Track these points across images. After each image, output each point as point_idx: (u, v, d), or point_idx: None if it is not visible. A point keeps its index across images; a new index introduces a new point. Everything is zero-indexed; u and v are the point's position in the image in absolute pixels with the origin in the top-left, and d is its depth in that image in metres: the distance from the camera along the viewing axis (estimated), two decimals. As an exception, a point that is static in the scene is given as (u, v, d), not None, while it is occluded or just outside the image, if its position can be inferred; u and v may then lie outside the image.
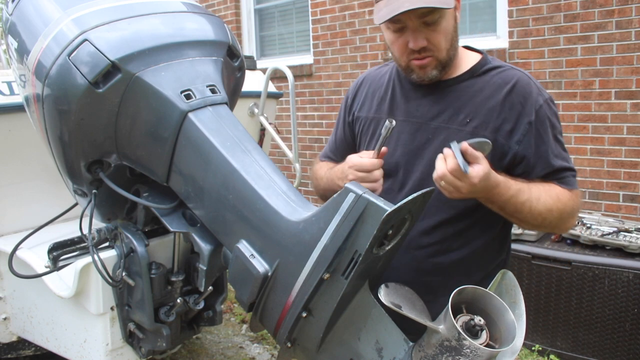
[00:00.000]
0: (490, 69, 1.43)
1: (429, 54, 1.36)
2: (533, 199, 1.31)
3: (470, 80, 1.43)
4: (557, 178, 1.39)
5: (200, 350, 3.29)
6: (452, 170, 1.18)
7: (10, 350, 2.49)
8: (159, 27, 1.49)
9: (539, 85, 1.41)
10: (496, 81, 1.40)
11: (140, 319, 1.77)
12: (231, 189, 1.32)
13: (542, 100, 1.38)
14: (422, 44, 1.33)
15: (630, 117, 3.40)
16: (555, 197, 1.35)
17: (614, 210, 3.50)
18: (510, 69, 1.42)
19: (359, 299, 1.19)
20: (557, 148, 1.39)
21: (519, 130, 1.36)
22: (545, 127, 1.37)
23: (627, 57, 3.37)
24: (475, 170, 1.18)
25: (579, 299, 2.76)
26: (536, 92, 1.38)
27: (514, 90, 1.37)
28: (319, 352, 1.21)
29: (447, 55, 1.36)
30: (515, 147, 1.36)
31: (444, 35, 1.33)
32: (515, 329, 1.04)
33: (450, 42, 1.35)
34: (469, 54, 1.48)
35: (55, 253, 1.75)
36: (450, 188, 1.21)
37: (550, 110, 1.39)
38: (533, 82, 1.40)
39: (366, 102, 1.58)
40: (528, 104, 1.36)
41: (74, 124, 1.41)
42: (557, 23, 3.59)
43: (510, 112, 1.36)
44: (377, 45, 4.64)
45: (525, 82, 1.39)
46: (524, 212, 1.31)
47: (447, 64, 1.38)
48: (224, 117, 1.43)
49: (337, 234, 1.09)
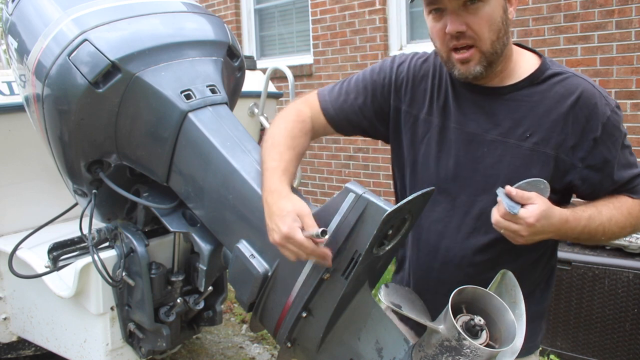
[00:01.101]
0: (551, 75, 1.30)
1: (469, 42, 1.23)
2: (605, 222, 1.25)
3: (529, 88, 1.30)
4: (627, 189, 1.31)
5: (200, 350, 3.28)
6: (503, 215, 1.14)
7: (10, 350, 2.49)
8: (159, 27, 1.49)
9: (604, 93, 1.30)
10: (558, 91, 1.28)
11: (140, 319, 1.77)
12: (231, 189, 1.32)
13: (609, 111, 1.28)
14: (460, 27, 1.21)
15: (630, 117, 3.40)
16: (627, 213, 1.29)
17: (614, 210, 3.50)
18: (572, 76, 1.31)
19: (359, 299, 1.19)
20: (625, 156, 1.31)
21: (583, 147, 1.26)
22: (614, 140, 1.29)
23: (627, 57, 3.36)
24: (529, 210, 1.13)
25: (579, 299, 2.76)
26: (602, 103, 1.28)
27: (578, 103, 1.26)
28: (319, 352, 1.21)
29: (492, 48, 1.23)
30: (579, 165, 1.27)
31: (487, 23, 1.20)
32: (515, 329, 1.04)
33: (495, 34, 1.22)
34: (527, 57, 1.35)
35: (55, 253, 1.75)
36: (510, 234, 1.17)
37: (618, 119, 1.30)
38: (598, 92, 1.29)
39: (417, 98, 1.43)
40: (594, 118, 1.26)
41: (74, 124, 1.41)
42: (557, 23, 3.59)
43: (574, 126, 1.26)
44: (377, 45, 4.64)
45: (590, 93, 1.28)
46: (598, 236, 1.27)
47: (493, 60, 1.25)
48: (224, 117, 1.43)
49: (337, 234, 1.09)
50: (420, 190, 1.09)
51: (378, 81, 1.45)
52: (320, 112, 1.44)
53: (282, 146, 1.28)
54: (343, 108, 1.44)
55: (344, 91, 1.46)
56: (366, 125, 1.46)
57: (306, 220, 1.09)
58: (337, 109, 1.44)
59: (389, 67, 1.46)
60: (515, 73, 1.32)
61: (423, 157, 1.40)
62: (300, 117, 1.39)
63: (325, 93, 1.47)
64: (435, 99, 1.40)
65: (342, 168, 5.01)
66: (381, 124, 1.46)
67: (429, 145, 1.39)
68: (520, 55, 1.34)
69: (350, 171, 4.96)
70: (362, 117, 1.45)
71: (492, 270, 1.30)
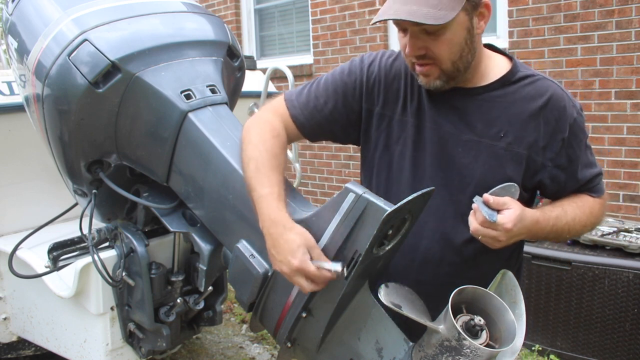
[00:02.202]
0: (522, 77, 1.34)
1: (429, 61, 1.26)
2: (570, 221, 1.32)
3: (501, 89, 1.33)
4: (588, 188, 1.39)
5: (200, 350, 3.28)
6: (482, 222, 1.17)
7: (10, 350, 2.49)
8: (159, 27, 1.49)
9: (570, 95, 1.36)
10: (529, 92, 1.32)
11: (140, 319, 1.77)
12: (231, 189, 1.32)
13: (575, 113, 1.33)
14: (418, 52, 1.24)
15: (630, 117, 3.40)
16: (589, 212, 1.36)
17: (614, 210, 3.50)
18: (542, 79, 1.35)
19: (359, 299, 1.19)
20: (587, 156, 1.38)
21: (552, 147, 1.31)
22: (579, 141, 1.35)
23: (627, 57, 3.36)
24: (506, 216, 1.16)
25: (579, 299, 2.76)
26: (570, 105, 1.33)
27: (548, 105, 1.30)
28: (319, 352, 1.21)
29: (453, 67, 1.25)
30: (549, 165, 1.32)
31: (447, 47, 1.22)
32: (515, 329, 1.04)
33: (457, 54, 1.23)
34: (498, 60, 1.37)
35: (55, 253, 1.75)
36: (488, 240, 1.19)
37: (582, 121, 1.36)
38: (566, 94, 1.34)
39: (389, 98, 1.41)
40: (562, 119, 1.31)
41: (74, 124, 1.41)
42: (557, 23, 3.59)
43: (545, 127, 1.31)
44: (377, 45, 4.63)
45: (559, 95, 1.33)
46: (564, 234, 1.34)
47: (454, 76, 1.27)
48: (224, 117, 1.43)
49: (337, 234, 1.09)
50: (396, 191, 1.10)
51: (349, 83, 1.41)
52: (290, 121, 1.40)
53: (266, 169, 1.25)
54: (313, 114, 1.40)
55: (312, 96, 1.41)
56: (337, 130, 1.43)
57: (315, 253, 1.11)
58: (308, 115, 1.39)
59: (359, 67, 1.43)
60: (487, 75, 1.34)
61: (398, 157, 1.39)
62: (275, 131, 1.35)
63: (293, 99, 1.41)
64: (409, 99, 1.39)
65: (342, 168, 5.01)
66: (353, 127, 1.43)
67: (405, 146, 1.38)
68: (490, 58, 1.36)
69: (350, 171, 4.96)
70: (334, 122, 1.41)
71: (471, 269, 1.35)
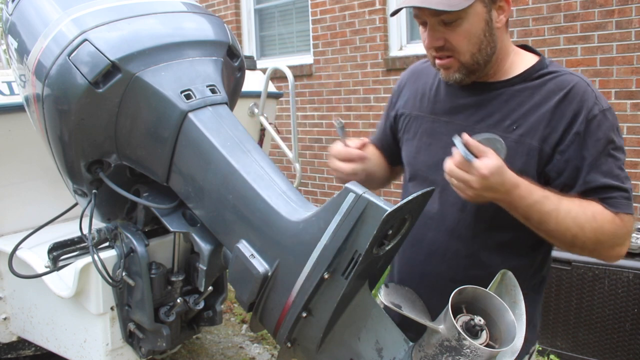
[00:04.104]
0: (546, 73, 1.31)
1: (448, 53, 1.28)
2: (561, 211, 1.20)
3: (521, 84, 1.31)
4: (601, 197, 1.24)
5: (200, 350, 3.28)
6: (458, 163, 1.12)
7: (10, 350, 2.49)
8: (158, 27, 1.49)
9: (598, 94, 1.27)
10: (550, 87, 1.28)
11: (140, 319, 1.77)
12: (231, 189, 1.32)
13: (597, 110, 1.24)
14: (436, 43, 1.26)
15: (630, 117, 3.40)
16: (591, 216, 1.21)
17: (614, 210, 3.50)
18: (567, 74, 1.30)
19: (359, 299, 1.19)
20: (609, 164, 1.25)
21: (565, 140, 1.25)
22: (596, 140, 1.24)
23: (627, 57, 3.37)
24: (484, 162, 1.11)
25: (579, 299, 2.76)
26: (592, 100, 1.25)
27: (567, 98, 1.25)
28: (319, 352, 1.21)
29: (472, 59, 1.26)
30: (557, 157, 1.26)
31: (465, 38, 1.24)
32: (515, 329, 1.04)
33: (476, 46, 1.25)
34: (525, 57, 1.36)
35: (55, 253, 1.75)
36: (461, 185, 1.15)
37: (607, 123, 1.24)
38: (591, 90, 1.26)
39: (411, 97, 1.49)
40: (581, 113, 1.24)
41: (74, 124, 1.41)
42: (557, 23, 3.59)
43: (560, 120, 1.25)
44: (377, 45, 4.64)
45: (581, 89, 1.26)
46: (551, 224, 1.20)
47: (474, 69, 1.29)
48: (224, 117, 1.43)
49: (337, 234, 1.09)
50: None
51: (392, 98, 1.58)
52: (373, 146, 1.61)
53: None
54: (378, 133, 1.62)
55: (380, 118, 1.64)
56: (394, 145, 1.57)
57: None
58: (376, 137, 1.63)
59: (398, 80, 1.58)
60: (511, 71, 1.33)
61: (415, 150, 1.43)
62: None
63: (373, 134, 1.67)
64: (429, 94, 1.43)
65: (342, 168, 5.01)
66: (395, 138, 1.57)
67: (421, 140, 1.42)
68: (518, 55, 1.35)
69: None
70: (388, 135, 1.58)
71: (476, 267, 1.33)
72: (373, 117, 4.71)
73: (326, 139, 5.08)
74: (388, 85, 4.59)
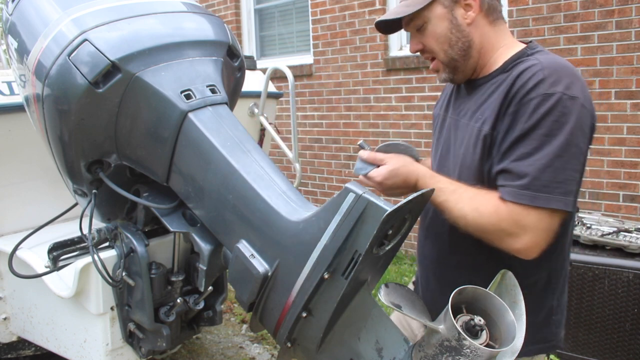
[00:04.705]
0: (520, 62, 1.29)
1: (430, 55, 1.39)
2: (451, 201, 1.23)
3: (499, 76, 1.33)
4: (500, 183, 1.22)
5: (200, 350, 3.28)
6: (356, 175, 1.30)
7: (10, 350, 2.49)
8: (159, 27, 1.49)
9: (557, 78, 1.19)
10: (512, 74, 1.28)
11: (140, 319, 1.77)
12: (231, 189, 1.32)
13: (537, 92, 1.18)
14: (416, 47, 1.40)
15: (630, 117, 3.40)
16: (475, 206, 1.22)
17: (614, 210, 3.50)
18: (531, 58, 1.27)
19: (359, 299, 1.19)
20: (524, 149, 1.18)
21: (503, 122, 1.24)
22: (523, 122, 1.19)
23: (627, 57, 3.37)
24: (377, 171, 1.31)
25: (579, 299, 2.76)
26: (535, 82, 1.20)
27: (515, 81, 1.24)
28: (319, 352, 1.21)
29: (447, 56, 1.34)
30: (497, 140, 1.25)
31: (433, 38, 1.34)
32: (515, 329, 1.04)
33: (446, 44, 1.33)
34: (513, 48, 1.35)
35: (55, 253, 1.75)
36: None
37: (544, 107, 1.17)
38: (545, 73, 1.20)
39: (441, 100, 1.61)
40: (518, 94, 1.21)
41: (74, 124, 1.41)
42: (557, 23, 3.59)
43: (503, 103, 1.25)
44: (377, 45, 4.64)
45: (531, 72, 1.22)
46: (446, 213, 1.25)
47: (454, 65, 1.36)
48: (224, 117, 1.43)
49: (337, 234, 1.09)
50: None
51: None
52: None
53: None
54: None
55: None
56: None
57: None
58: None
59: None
60: (495, 64, 1.37)
61: (433, 149, 1.55)
62: None
63: None
64: (445, 96, 1.57)
65: (342, 168, 5.01)
66: None
67: (434, 137, 1.56)
68: (508, 48, 1.37)
69: (350, 171, 4.96)
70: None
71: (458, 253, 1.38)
72: (373, 117, 4.71)
73: (326, 138, 5.08)
74: (388, 85, 4.59)
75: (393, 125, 4.60)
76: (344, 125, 4.91)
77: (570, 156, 1.17)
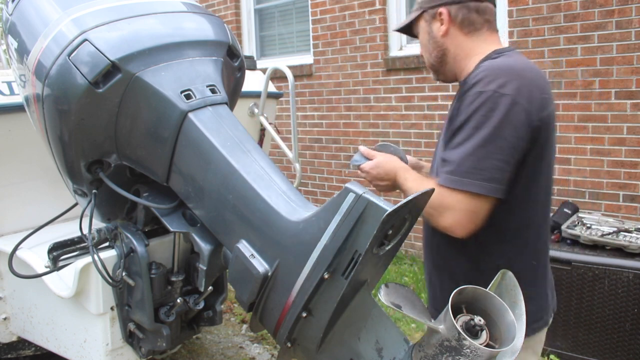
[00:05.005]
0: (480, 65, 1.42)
1: None
2: (413, 188, 1.42)
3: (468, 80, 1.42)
4: (440, 169, 1.37)
5: (200, 350, 3.28)
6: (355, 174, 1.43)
7: (10, 350, 2.49)
8: (159, 27, 1.49)
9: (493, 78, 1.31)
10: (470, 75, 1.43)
11: (140, 319, 1.77)
12: (231, 189, 1.32)
13: (475, 89, 1.31)
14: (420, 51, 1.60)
15: (630, 117, 3.40)
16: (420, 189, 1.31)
17: (614, 210, 3.50)
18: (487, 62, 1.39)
19: (359, 299, 1.19)
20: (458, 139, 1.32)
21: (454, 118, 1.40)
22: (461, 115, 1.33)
23: (627, 57, 3.36)
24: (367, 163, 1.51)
25: (579, 299, 2.76)
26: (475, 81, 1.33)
27: (467, 81, 1.39)
28: (319, 352, 1.21)
29: (428, 62, 1.56)
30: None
31: (421, 46, 1.57)
32: (515, 329, 1.04)
33: (427, 52, 1.54)
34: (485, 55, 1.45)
35: (55, 253, 1.75)
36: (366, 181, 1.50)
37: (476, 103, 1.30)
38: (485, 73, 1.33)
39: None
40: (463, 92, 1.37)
41: (74, 124, 1.41)
42: (557, 23, 3.59)
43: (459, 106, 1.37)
44: (377, 45, 4.64)
45: (476, 72, 1.36)
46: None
47: (435, 69, 1.56)
48: (224, 117, 1.43)
49: (337, 234, 1.09)
50: None
51: None
52: None
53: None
54: None
55: None
56: None
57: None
58: None
59: None
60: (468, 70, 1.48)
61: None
62: None
63: None
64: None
65: (342, 168, 5.01)
66: None
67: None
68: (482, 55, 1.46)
69: (350, 171, 4.96)
70: None
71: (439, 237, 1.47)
72: (373, 117, 4.71)
73: (326, 138, 5.08)
74: (388, 85, 4.59)
75: (393, 125, 4.59)
76: (344, 125, 4.91)
77: (494, 147, 1.29)
